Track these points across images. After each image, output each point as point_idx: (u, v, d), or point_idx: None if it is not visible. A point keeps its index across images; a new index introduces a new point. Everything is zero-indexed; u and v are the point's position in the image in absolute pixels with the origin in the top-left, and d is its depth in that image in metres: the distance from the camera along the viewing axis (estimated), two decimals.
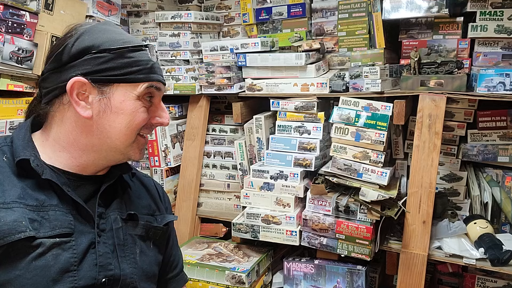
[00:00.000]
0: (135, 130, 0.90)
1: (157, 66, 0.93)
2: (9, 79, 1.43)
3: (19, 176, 0.85)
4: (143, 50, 0.89)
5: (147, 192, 1.09)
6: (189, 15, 1.92)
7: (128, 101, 0.88)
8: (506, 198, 1.64)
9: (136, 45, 0.88)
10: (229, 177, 2.01)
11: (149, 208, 1.05)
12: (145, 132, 0.94)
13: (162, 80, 0.94)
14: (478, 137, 1.70)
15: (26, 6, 1.44)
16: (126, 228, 0.95)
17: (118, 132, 0.89)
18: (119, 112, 0.88)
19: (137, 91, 0.88)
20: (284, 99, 1.76)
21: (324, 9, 1.89)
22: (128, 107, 0.88)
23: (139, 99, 0.89)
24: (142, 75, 0.89)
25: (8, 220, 0.78)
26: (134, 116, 0.89)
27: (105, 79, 0.86)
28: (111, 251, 0.90)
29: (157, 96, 0.94)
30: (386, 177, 1.53)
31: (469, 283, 1.77)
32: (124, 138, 0.90)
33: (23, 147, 0.87)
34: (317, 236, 1.61)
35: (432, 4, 1.64)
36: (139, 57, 0.88)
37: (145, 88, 0.89)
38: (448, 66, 1.58)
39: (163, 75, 0.95)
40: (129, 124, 0.89)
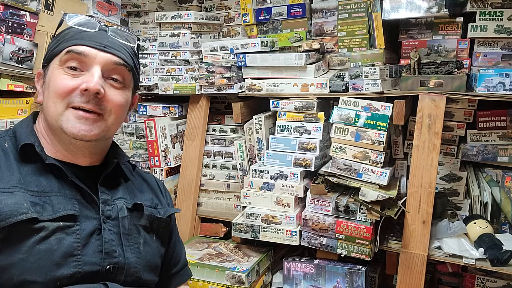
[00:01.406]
0: (57, 99, 0.86)
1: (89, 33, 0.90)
2: (9, 79, 1.44)
3: (20, 163, 0.86)
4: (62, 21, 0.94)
5: (148, 186, 1.09)
6: (189, 15, 1.92)
7: (52, 72, 0.89)
8: (506, 198, 1.64)
9: (59, 22, 0.94)
10: (229, 177, 2.01)
11: (151, 201, 1.05)
12: (76, 103, 0.86)
13: (88, 43, 0.89)
14: (477, 137, 1.70)
15: (26, 6, 1.44)
16: (131, 217, 0.95)
17: (47, 106, 0.88)
18: (47, 86, 0.89)
19: (58, 59, 0.89)
20: (284, 99, 1.76)
21: (324, 9, 1.89)
22: (51, 77, 0.89)
23: (61, 68, 0.88)
24: (64, 43, 0.89)
25: (9, 202, 0.78)
26: (54, 85, 0.87)
27: (45, 60, 0.92)
28: (115, 238, 0.90)
29: (87, 62, 0.88)
30: (386, 177, 1.53)
31: (468, 283, 1.78)
32: (51, 110, 0.87)
33: (27, 134, 0.89)
34: (317, 236, 1.62)
35: (431, 4, 1.64)
36: (69, 31, 0.91)
37: (65, 54, 0.88)
38: (448, 66, 1.58)
39: (102, 43, 0.90)
40: (50, 94, 0.88)
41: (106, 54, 0.89)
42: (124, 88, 0.94)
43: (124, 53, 0.93)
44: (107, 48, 0.90)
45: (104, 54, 0.89)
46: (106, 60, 0.89)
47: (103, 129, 0.90)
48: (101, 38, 0.90)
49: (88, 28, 0.90)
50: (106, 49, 0.89)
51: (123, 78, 0.93)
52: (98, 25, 0.92)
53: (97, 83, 0.86)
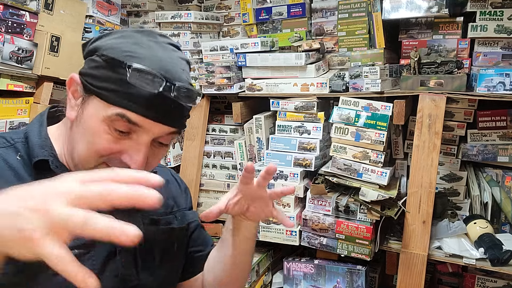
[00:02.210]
0: (94, 156, 0.75)
1: (150, 97, 0.72)
2: (9, 79, 1.43)
3: (34, 178, 0.76)
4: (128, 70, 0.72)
5: (166, 185, 1.00)
6: (189, 15, 1.91)
7: (95, 120, 0.75)
8: (506, 198, 1.64)
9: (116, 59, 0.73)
10: (229, 177, 2.01)
11: (167, 206, 0.97)
12: (112, 164, 0.76)
13: (145, 113, 0.73)
14: (478, 137, 1.70)
15: (26, 6, 1.44)
16: (148, 233, 0.85)
17: (80, 148, 0.77)
18: (85, 128, 0.76)
19: (105, 113, 0.74)
20: (284, 99, 1.76)
21: (324, 9, 1.89)
22: (92, 124, 0.75)
23: (105, 123, 0.74)
24: (116, 97, 0.73)
25: None
26: (94, 139, 0.75)
27: (87, 85, 0.76)
28: (132, 259, 0.85)
29: (139, 134, 0.75)
30: (386, 177, 1.53)
31: (469, 283, 1.78)
32: (83, 158, 0.76)
33: (40, 146, 0.79)
34: (317, 236, 1.61)
35: (432, 4, 1.64)
36: (125, 76, 0.72)
37: (115, 115, 0.73)
38: (448, 66, 1.58)
39: (163, 116, 0.75)
40: (88, 145, 0.75)
41: (162, 126, 0.76)
42: (166, 148, 0.84)
43: (184, 116, 0.80)
44: (164, 120, 0.76)
45: (160, 125, 0.75)
46: (160, 131, 0.76)
47: None
48: (161, 105, 0.74)
49: (149, 87, 0.72)
50: (163, 120, 0.76)
51: (168, 143, 0.82)
52: (163, 84, 0.73)
53: (141, 164, 0.75)
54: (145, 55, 0.74)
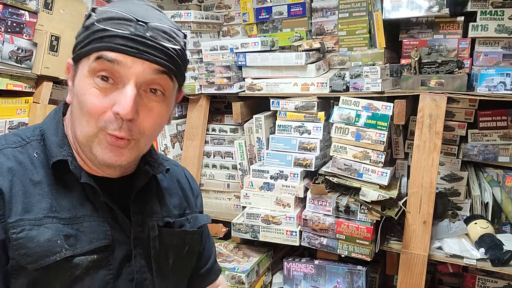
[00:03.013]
0: (90, 119, 0.72)
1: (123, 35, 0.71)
2: (8, 78, 1.43)
3: (52, 178, 0.75)
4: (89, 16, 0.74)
5: (178, 186, 0.98)
6: (188, 15, 1.91)
7: (81, 79, 0.73)
8: (507, 198, 1.64)
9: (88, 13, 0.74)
10: (229, 177, 2.01)
11: (180, 207, 0.94)
12: (109, 128, 0.72)
13: (121, 49, 0.70)
14: (478, 137, 1.70)
15: (25, 6, 1.44)
16: (162, 236, 0.85)
17: (77, 120, 0.74)
18: (77, 96, 0.74)
19: (87, 66, 0.72)
20: (284, 99, 1.76)
21: (324, 8, 1.88)
22: (79, 87, 0.73)
23: (90, 77, 0.72)
24: (92, 45, 0.72)
25: (41, 240, 0.70)
26: (84, 100, 0.72)
27: (74, 56, 0.76)
28: (146, 263, 0.82)
29: (121, 73, 0.72)
30: (387, 177, 1.53)
31: (469, 283, 1.77)
32: (83, 127, 0.74)
33: (58, 145, 0.77)
34: (317, 236, 1.61)
35: (432, 4, 1.64)
36: (99, 26, 0.72)
37: (94, 61, 0.71)
38: (449, 65, 1.58)
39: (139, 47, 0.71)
40: (81, 109, 0.73)
41: (143, 62, 0.72)
42: (164, 98, 0.78)
43: (167, 56, 0.75)
44: (143, 55, 0.72)
45: (141, 62, 0.72)
46: (144, 69, 0.72)
47: (134, 153, 0.78)
48: (138, 41, 0.72)
49: (121, 28, 0.71)
50: (142, 56, 0.72)
51: (164, 88, 0.77)
52: (133, 24, 0.72)
53: (131, 109, 0.71)
54: (116, 7, 0.74)
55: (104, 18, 0.72)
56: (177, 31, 0.78)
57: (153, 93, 0.76)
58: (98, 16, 0.72)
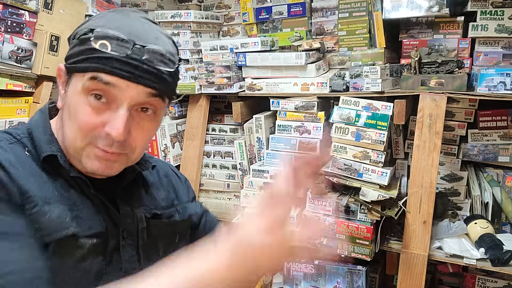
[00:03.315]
0: (79, 134, 0.75)
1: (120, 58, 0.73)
2: (8, 78, 1.43)
3: (46, 173, 0.78)
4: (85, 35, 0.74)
5: (167, 180, 1.01)
6: (188, 14, 1.91)
7: (74, 95, 0.75)
8: (507, 198, 1.64)
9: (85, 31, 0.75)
10: (229, 177, 2.00)
11: (167, 199, 0.97)
12: (99, 143, 0.75)
13: (117, 72, 0.72)
14: (478, 137, 1.70)
15: (25, 6, 1.44)
16: (150, 227, 0.88)
17: (67, 132, 0.77)
18: (68, 108, 0.77)
19: (81, 83, 0.74)
20: (284, 99, 1.76)
21: (324, 8, 1.88)
22: (73, 101, 0.75)
23: (84, 94, 0.74)
24: (88, 63, 0.73)
25: (53, 216, 0.73)
26: (76, 115, 0.75)
27: (67, 67, 0.78)
28: (135, 253, 0.85)
29: (116, 95, 0.74)
30: (387, 177, 1.53)
31: (469, 283, 1.77)
32: (72, 140, 0.76)
33: (47, 141, 0.79)
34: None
35: (432, 4, 1.64)
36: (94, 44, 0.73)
37: (89, 80, 0.73)
38: (449, 65, 1.57)
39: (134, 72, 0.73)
40: (72, 123, 0.75)
41: (137, 86, 0.74)
42: (155, 116, 0.81)
43: (161, 79, 0.77)
44: (139, 80, 0.74)
45: (135, 86, 0.74)
46: (137, 93, 0.74)
47: (124, 165, 0.82)
48: (134, 65, 0.73)
49: (118, 50, 0.73)
50: (138, 81, 0.74)
51: (155, 107, 0.79)
52: (130, 47, 0.73)
53: (123, 132, 0.74)
54: (113, 25, 0.75)
55: (101, 36, 0.73)
56: (172, 50, 0.79)
57: (144, 112, 0.78)
58: (96, 34, 0.73)
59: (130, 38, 0.73)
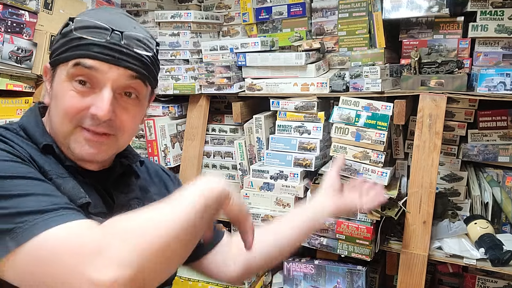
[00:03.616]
0: (65, 118, 0.79)
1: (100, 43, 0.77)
2: (8, 78, 1.43)
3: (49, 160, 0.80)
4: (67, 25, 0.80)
5: (157, 177, 1.04)
6: (188, 15, 1.91)
7: (59, 83, 0.80)
8: (507, 198, 1.64)
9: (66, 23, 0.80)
10: (229, 177, 2.00)
11: (160, 195, 0.98)
12: (87, 125, 0.79)
13: (100, 57, 0.77)
14: (478, 137, 1.70)
15: (25, 6, 1.44)
16: None
17: (55, 120, 0.81)
18: (54, 97, 0.81)
19: (65, 71, 0.79)
20: (284, 99, 1.76)
21: (324, 8, 1.88)
22: (58, 90, 0.80)
23: (68, 81, 0.78)
24: (70, 52, 0.78)
25: (67, 187, 0.75)
26: (61, 101, 0.79)
27: (52, 62, 0.82)
28: None
29: (98, 79, 0.78)
30: (386, 177, 1.53)
31: (469, 283, 1.77)
32: (59, 127, 0.80)
33: (41, 133, 0.82)
34: (317, 236, 1.61)
35: (432, 4, 1.64)
36: (76, 35, 0.78)
37: (72, 67, 0.77)
38: (449, 65, 1.58)
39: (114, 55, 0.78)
40: (58, 110, 0.79)
41: (118, 69, 0.79)
42: (138, 101, 0.85)
43: (141, 62, 0.82)
44: (119, 62, 0.78)
45: (116, 68, 0.78)
46: (119, 75, 0.79)
47: (113, 149, 0.85)
48: (114, 49, 0.78)
49: (98, 36, 0.77)
50: (118, 63, 0.78)
51: (138, 92, 0.83)
52: (109, 33, 0.78)
53: (108, 111, 0.78)
54: (92, 17, 0.80)
55: (80, 26, 0.78)
56: (150, 39, 0.85)
57: (128, 96, 0.83)
58: (76, 25, 0.78)
59: (109, 26, 0.78)
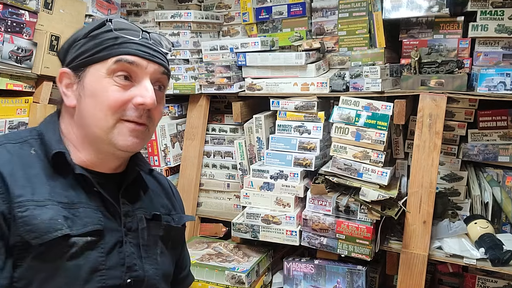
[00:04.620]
0: (109, 112, 0.83)
1: (135, 42, 0.86)
2: (8, 78, 1.43)
3: (48, 172, 0.83)
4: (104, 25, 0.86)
5: (163, 190, 1.08)
6: (188, 14, 1.91)
7: (97, 80, 0.84)
8: (507, 198, 1.64)
9: (99, 23, 0.86)
10: (229, 177, 2.00)
11: (166, 207, 1.04)
12: (130, 117, 0.85)
13: (139, 53, 0.85)
14: (478, 136, 1.70)
15: (25, 5, 1.44)
16: (149, 228, 0.94)
17: (93, 117, 0.84)
18: (91, 95, 0.84)
19: (105, 69, 0.83)
20: (284, 99, 1.76)
21: (324, 8, 1.88)
22: (97, 87, 0.84)
23: (109, 77, 0.83)
24: (108, 51, 0.84)
25: (44, 218, 0.77)
26: (104, 96, 0.83)
27: (80, 63, 0.85)
28: (135, 251, 0.90)
29: (138, 73, 0.85)
30: (387, 177, 1.53)
31: (469, 283, 1.77)
32: (100, 122, 0.84)
33: (57, 141, 0.86)
34: (317, 236, 1.61)
35: (432, 4, 1.64)
36: (109, 35, 0.85)
37: (114, 63, 0.83)
38: (449, 65, 1.58)
39: (148, 52, 0.87)
40: (100, 105, 0.83)
41: (154, 64, 0.87)
42: (164, 94, 0.94)
43: (166, 60, 0.92)
44: (154, 58, 0.87)
45: (152, 63, 0.87)
46: (154, 70, 0.87)
47: (146, 139, 0.91)
48: (147, 47, 0.87)
49: (133, 36, 0.86)
50: (153, 59, 0.87)
51: (164, 86, 0.93)
52: (140, 33, 0.87)
53: (153, 98, 0.85)
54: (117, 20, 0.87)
55: (119, 28, 0.86)
56: (168, 41, 0.95)
57: (159, 90, 0.91)
58: (115, 26, 0.85)
59: (138, 27, 0.88)
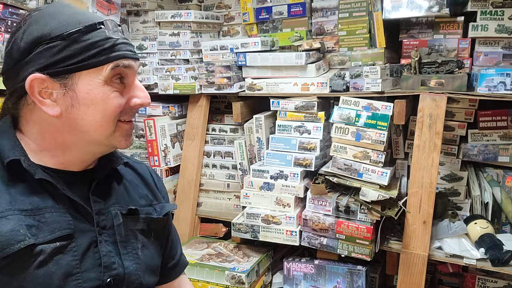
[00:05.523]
0: (112, 118, 0.82)
1: (121, 41, 0.81)
2: None
3: (7, 181, 0.79)
4: (99, 28, 0.79)
5: (142, 180, 1.03)
6: (188, 15, 1.91)
7: (96, 89, 0.79)
8: (507, 198, 1.64)
9: (88, 25, 0.78)
10: (229, 177, 2.00)
11: (147, 198, 1.00)
12: (126, 118, 0.85)
13: (131, 55, 0.82)
14: (478, 137, 1.70)
15: (25, 5, 1.44)
16: (127, 223, 0.91)
17: (94, 124, 0.81)
18: (89, 104, 0.79)
19: (102, 76, 0.79)
20: (284, 99, 1.76)
21: (324, 8, 1.88)
22: (97, 95, 0.79)
23: (107, 84, 0.80)
24: (103, 56, 0.78)
25: (4, 230, 0.73)
26: (107, 104, 0.80)
27: (64, 70, 0.77)
28: (113, 249, 0.87)
29: (130, 75, 0.83)
30: (387, 177, 1.53)
31: (469, 283, 1.77)
32: (102, 129, 0.82)
33: (10, 147, 0.80)
34: (317, 236, 1.61)
35: (432, 4, 1.64)
36: (96, 37, 0.78)
37: (111, 70, 0.79)
38: (449, 65, 1.58)
39: (132, 50, 0.84)
40: (103, 113, 0.81)
41: (138, 62, 0.86)
42: None
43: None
44: (137, 55, 0.85)
45: (138, 62, 0.85)
46: (138, 67, 0.86)
47: None
48: (129, 44, 0.84)
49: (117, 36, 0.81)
50: (137, 57, 0.85)
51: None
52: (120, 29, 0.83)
53: (149, 96, 0.87)
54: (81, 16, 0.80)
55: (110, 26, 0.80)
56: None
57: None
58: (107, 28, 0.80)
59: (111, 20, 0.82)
